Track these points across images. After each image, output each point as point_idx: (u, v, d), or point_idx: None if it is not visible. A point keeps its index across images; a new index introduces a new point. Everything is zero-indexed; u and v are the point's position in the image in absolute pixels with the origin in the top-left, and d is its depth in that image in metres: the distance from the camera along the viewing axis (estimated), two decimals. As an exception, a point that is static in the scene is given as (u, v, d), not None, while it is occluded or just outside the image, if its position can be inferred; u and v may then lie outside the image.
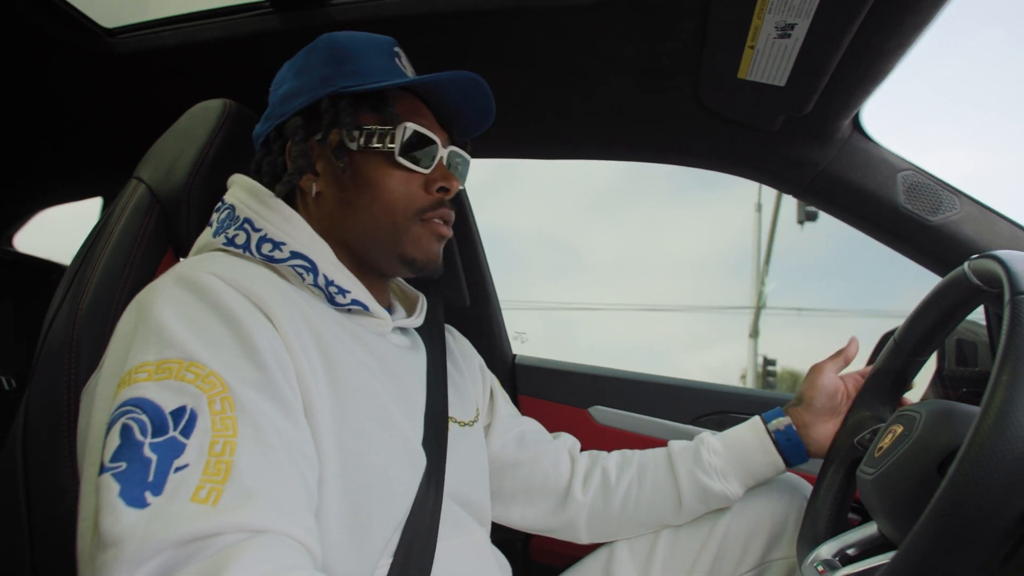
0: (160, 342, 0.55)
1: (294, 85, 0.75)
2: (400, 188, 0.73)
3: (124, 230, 0.78)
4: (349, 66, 0.73)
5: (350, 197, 0.73)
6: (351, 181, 0.73)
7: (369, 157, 0.73)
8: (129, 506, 0.47)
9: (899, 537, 0.62)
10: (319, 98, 0.72)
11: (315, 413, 0.60)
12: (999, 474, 0.44)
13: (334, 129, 0.73)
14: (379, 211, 0.73)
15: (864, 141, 1.00)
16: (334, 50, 0.75)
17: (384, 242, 0.74)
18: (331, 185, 0.74)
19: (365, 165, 0.73)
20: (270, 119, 0.77)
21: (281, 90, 0.77)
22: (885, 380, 0.81)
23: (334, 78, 0.73)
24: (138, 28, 1.15)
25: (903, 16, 0.74)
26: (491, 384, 0.98)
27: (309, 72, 0.75)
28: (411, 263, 0.75)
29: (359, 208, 0.73)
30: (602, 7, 0.86)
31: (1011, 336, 0.49)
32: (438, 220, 0.75)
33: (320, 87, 0.73)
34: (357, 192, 0.73)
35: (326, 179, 0.74)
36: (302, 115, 0.73)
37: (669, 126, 1.07)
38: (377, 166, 0.73)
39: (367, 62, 0.74)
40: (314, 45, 0.77)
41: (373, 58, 0.75)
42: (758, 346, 12.17)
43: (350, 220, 0.74)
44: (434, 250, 0.76)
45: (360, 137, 0.72)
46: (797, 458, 0.86)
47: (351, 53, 0.74)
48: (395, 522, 0.66)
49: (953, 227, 0.97)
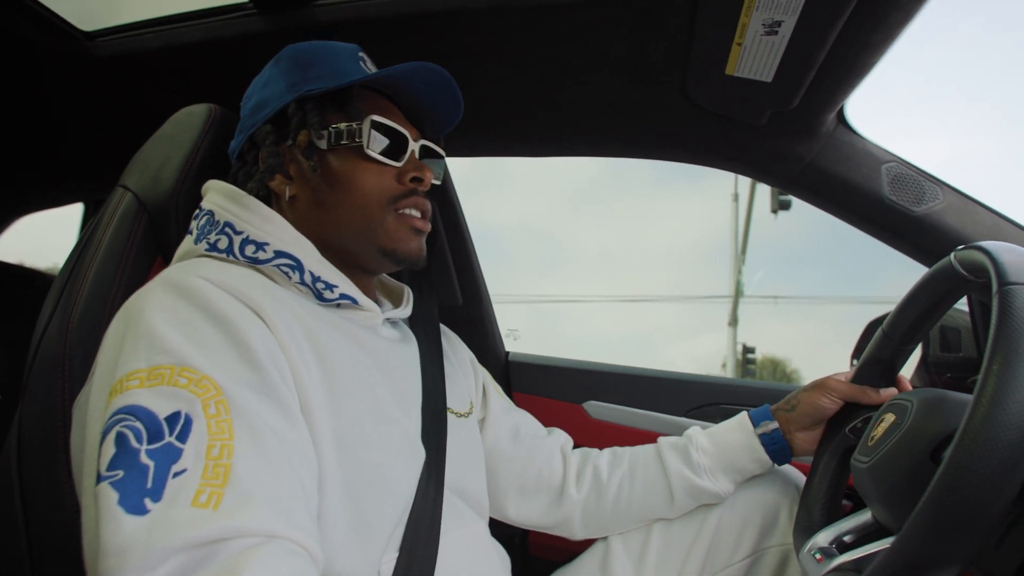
0: (150, 348, 0.54)
1: (262, 96, 0.76)
2: (372, 180, 0.73)
3: (113, 239, 0.77)
4: (314, 71, 0.74)
5: (323, 196, 0.74)
6: (323, 179, 0.73)
7: (339, 154, 0.74)
8: (129, 514, 0.46)
9: (894, 524, 0.63)
10: (286, 103, 0.73)
11: (312, 411, 0.60)
12: (993, 461, 0.45)
13: (302, 131, 0.73)
14: (352, 206, 0.73)
15: (849, 134, 1.02)
16: (299, 58, 0.76)
17: (361, 236, 0.74)
18: (304, 187, 0.75)
19: (335, 162, 0.74)
20: (242, 132, 0.78)
21: (251, 103, 0.78)
22: (875, 369, 0.82)
23: (300, 84, 0.74)
24: (118, 31, 1.13)
25: (888, 11, 0.75)
26: (483, 378, 0.99)
27: (276, 82, 0.76)
28: (391, 255, 0.75)
29: (332, 205, 0.74)
30: (591, 5, 0.86)
31: (1000, 326, 0.50)
32: (413, 211, 0.76)
33: (287, 93, 0.74)
34: (329, 189, 0.73)
35: (299, 182, 0.75)
36: (271, 122, 0.74)
37: (658, 122, 1.08)
38: (347, 162, 0.73)
39: (332, 67, 0.75)
40: (279, 56, 0.78)
41: (338, 62, 0.75)
42: (737, 334, 12.34)
43: (325, 218, 0.74)
44: (414, 243, 0.76)
45: (329, 136, 0.73)
46: (782, 459, 0.88)
47: (316, 59, 0.75)
48: (397, 516, 0.66)
49: (937, 217, 0.98)
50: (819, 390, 0.85)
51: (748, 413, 0.90)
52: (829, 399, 0.84)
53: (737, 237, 11.73)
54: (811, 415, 0.85)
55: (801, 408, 0.86)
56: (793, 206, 9.65)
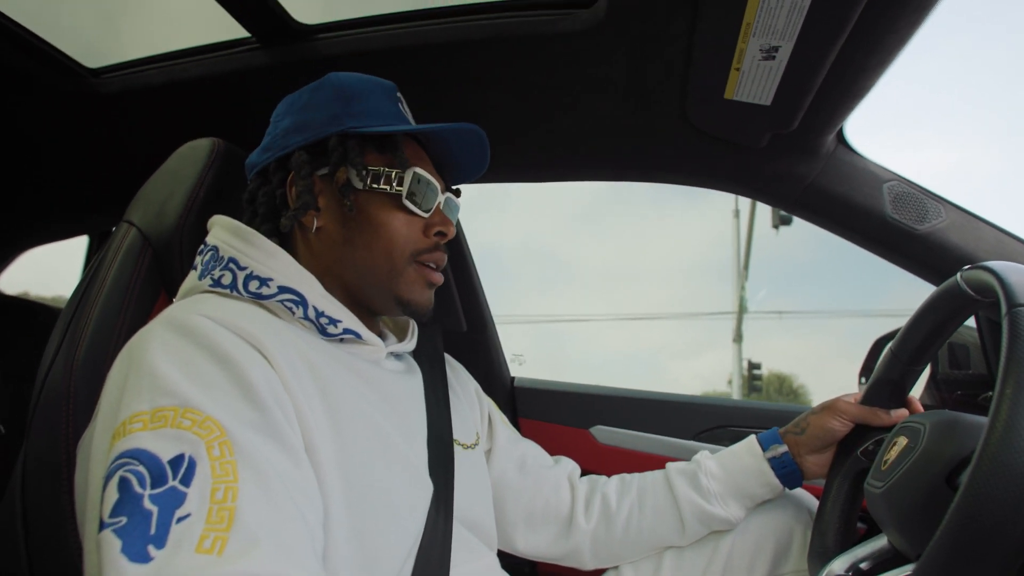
0: (153, 389, 0.54)
1: (299, 119, 0.76)
2: (402, 230, 0.74)
3: (117, 275, 0.78)
4: (357, 106, 0.75)
5: (352, 235, 0.74)
6: (355, 219, 0.74)
7: (374, 197, 0.74)
8: (132, 562, 0.45)
9: (911, 549, 0.62)
10: (327, 135, 0.73)
11: (316, 448, 0.59)
12: (1011, 487, 0.45)
13: (342, 167, 0.73)
14: (379, 250, 0.74)
15: (849, 154, 1.02)
16: (342, 89, 0.76)
17: (381, 281, 0.75)
18: (333, 221, 0.75)
19: (369, 205, 0.74)
20: (269, 150, 0.77)
21: (284, 123, 0.77)
22: (884, 390, 0.82)
23: (342, 117, 0.74)
24: (122, 68, 1.15)
25: (883, 35, 0.76)
26: (488, 409, 0.98)
27: (316, 109, 0.75)
28: (405, 304, 0.76)
29: (360, 246, 0.74)
30: (589, 33, 0.88)
31: (1012, 349, 0.49)
32: (432, 265, 0.77)
33: (328, 124, 0.74)
34: (359, 230, 0.74)
35: (328, 215, 0.75)
36: (307, 150, 0.74)
37: (658, 146, 1.09)
38: (382, 207, 0.74)
39: (373, 104, 0.76)
40: (320, 83, 0.78)
41: (378, 101, 0.77)
42: (743, 350, 12.29)
43: (349, 257, 0.74)
44: (427, 296, 0.77)
45: (367, 177, 0.73)
46: (793, 483, 0.87)
47: (358, 93, 0.76)
48: (405, 552, 0.65)
49: (940, 235, 0.98)
50: (829, 412, 0.84)
51: (757, 437, 0.89)
52: (839, 421, 0.83)
53: (739, 253, 11.76)
54: (821, 438, 0.84)
55: (811, 431, 0.85)
56: (794, 221, 9.68)
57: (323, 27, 1.02)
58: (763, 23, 0.74)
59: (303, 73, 1.04)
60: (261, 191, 0.76)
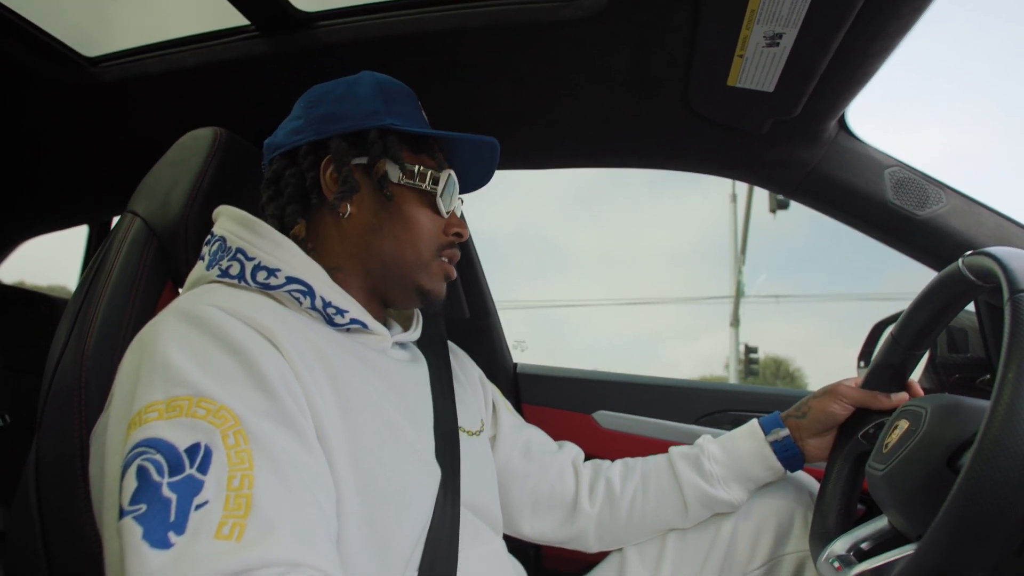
0: (167, 380, 0.55)
1: (337, 109, 0.77)
2: (429, 225, 0.78)
3: (124, 266, 0.78)
4: (396, 107, 0.78)
5: (383, 224, 0.77)
6: (388, 210, 0.77)
7: (407, 192, 0.78)
8: (154, 548, 0.47)
9: (912, 531, 0.63)
10: (368, 127, 0.76)
11: (327, 435, 0.60)
12: (1012, 470, 0.46)
13: (382, 159, 0.76)
14: (407, 242, 0.77)
15: (851, 140, 1.02)
16: (382, 88, 0.80)
17: (405, 271, 0.77)
18: (365, 210, 0.77)
19: (402, 198, 0.77)
20: (301, 133, 0.78)
21: (320, 110, 0.78)
22: (884, 374, 0.83)
23: (382, 113, 0.77)
24: (120, 56, 1.14)
25: (887, 21, 0.76)
26: (492, 395, 0.99)
27: (355, 102, 0.78)
28: (425, 295, 0.79)
29: (389, 236, 0.77)
30: (591, 21, 0.87)
31: (1014, 334, 0.50)
32: (448, 260, 0.81)
33: (368, 118, 0.76)
34: (390, 221, 0.77)
35: (361, 203, 0.77)
36: (345, 139, 0.76)
37: (660, 133, 1.09)
38: (414, 202, 0.78)
39: (406, 107, 0.80)
40: (358, 78, 0.80)
41: (408, 105, 0.81)
42: (740, 335, 12.36)
43: (376, 245, 0.77)
44: (442, 286, 0.81)
45: (404, 173, 0.77)
46: (794, 466, 0.88)
47: (395, 95, 0.80)
48: (415, 536, 0.67)
49: (941, 220, 0.99)
50: (830, 396, 0.86)
51: (759, 420, 0.90)
52: (840, 405, 0.85)
53: (736, 237, 11.78)
54: (822, 421, 0.86)
55: (812, 414, 0.86)
56: (791, 206, 9.69)
57: (323, 15, 1.01)
58: (767, 10, 0.74)
59: (303, 61, 1.04)
60: (288, 172, 0.77)
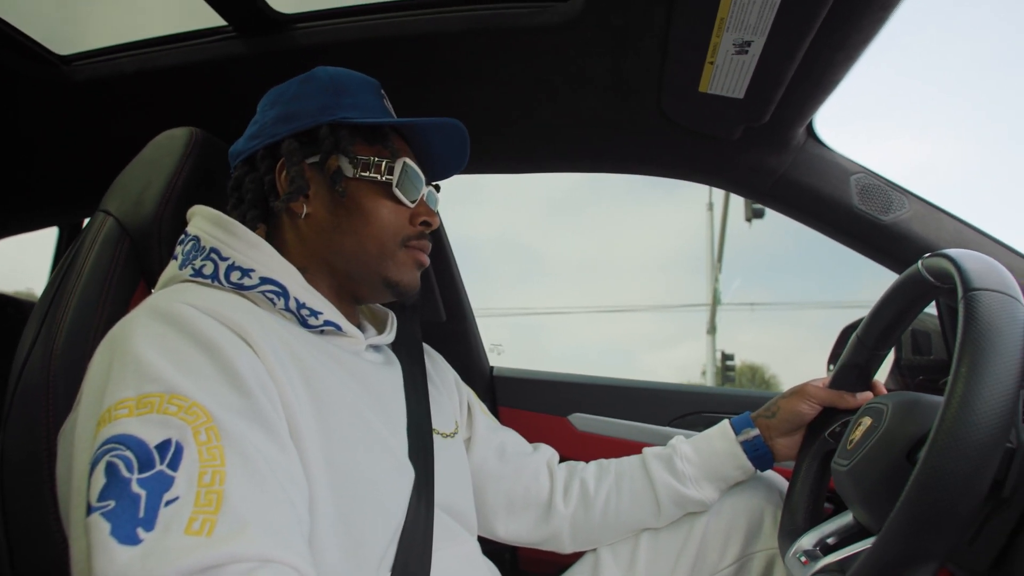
0: (139, 376, 0.54)
1: (288, 109, 0.77)
2: (390, 217, 0.76)
3: (95, 265, 0.77)
4: (348, 99, 0.76)
5: (340, 221, 0.75)
6: (344, 206, 0.75)
7: (363, 185, 0.76)
8: (122, 544, 0.46)
9: (874, 524, 0.65)
10: (318, 124, 0.75)
11: (301, 434, 0.60)
12: (963, 461, 0.47)
13: (333, 155, 0.75)
14: (368, 236, 0.76)
15: (818, 147, 1.05)
16: (332, 82, 0.78)
17: (370, 265, 0.76)
18: (322, 208, 0.76)
19: (359, 192, 0.76)
20: (257, 138, 0.77)
21: (272, 112, 0.78)
22: (850, 374, 0.85)
23: (333, 108, 0.75)
24: (95, 55, 1.12)
25: (849, 32, 0.78)
26: (467, 398, 0.99)
27: (306, 99, 0.77)
28: (394, 286, 0.78)
29: (349, 232, 0.75)
30: (566, 27, 0.89)
31: (967, 331, 0.52)
32: (419, 248, 0.79)
33: (318, 114, 0.75)
34: (348, 216, 0.75)
35: (317, 201, 0.76)
36: (297, 138, 0.75)
37: (634, 138, 1.10)
38: (371, 194, 0.76)
39: (363, 98, 0.78)
40: (309, 75, 0.79)
41: (365, 96, 0.78)
42: (716, 342, 12.50)
43: (337, 242, 0.76)
44: (414, 276, 0.80)
45: (358, 165, 0.75)
46: (764, 465, 0.90)
47: (347, 87, 0.78)
48: (389, 536, 0.67)
49: (904, 225, 1.02)
50: (798, 396, 0.88)
51: (730, 421, 0.92)
52: (808, 404, 0.87)
53: (713, 246, 11.93)
54: (791, 421, 0.87)
55: (781, 414, 0.88)
56: (766, 214, 9.84)
57: (301, 16, 1.02)
58: (736, 18, 0.76)
59: (280, 63, 1.04)
60: (248, 178, 0.77)
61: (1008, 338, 0.50)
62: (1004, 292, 0.54)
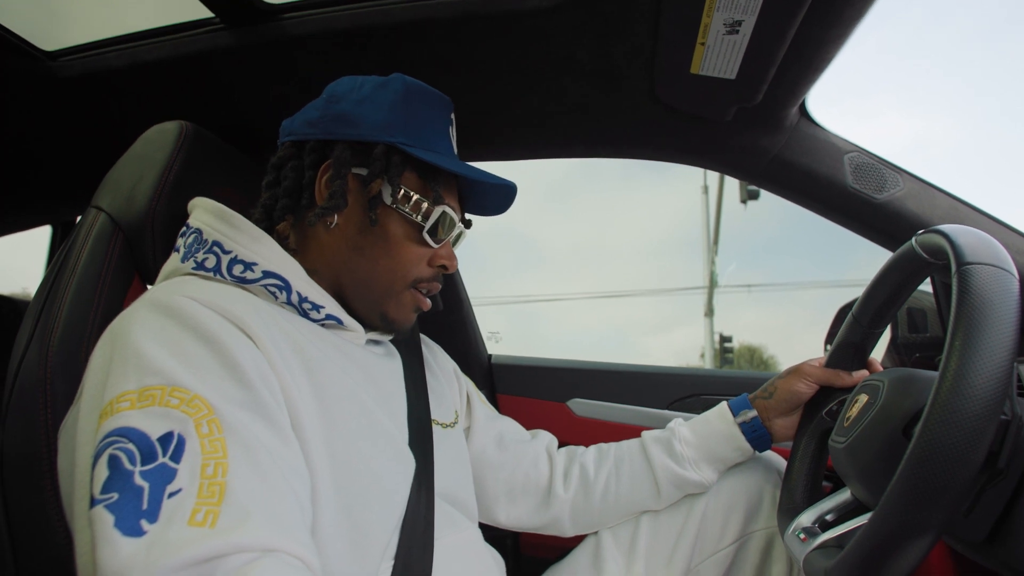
0: (140, 369, 0.54)
1: (355, 111, 0.75)
2: (410, 257, 0.76)
3: (89, 261, 0.77)
4: (414, 122, 0.75)
5: (363, 243, 0.75)
6: (372, 231, 0.75)
7: (396, 217, 0.75)
8: (126, 536, 0.46)
9: (872, 499, 0.66)
10: (377, 140, 0.73)
11: (303, 425, 0.61)
12: (958, 433, 0.48)
13: (379, 178, 0.73)
14: (383, 268, 0.75)
15: (812, 127, 1.05)
16: (408, 97, 0.76)
17: (373, 296, 0.76)
18: (350, 224, 0.75)
19: (390, 222, 0.75)
20: (315, 127, 0.76)
21: (339, 107, 0.76)
22: (846, 353, 0.85)
23: (395, 128, 0.74)
24: (82, 50, 1.11)
25: (841, 9, 0.78)
26: (466, 388, 1.00)
27: (374, 107, 0.75)
28: (389, 323, 0.78)
29: (368, 257, 0.75)
30: (555, 11, 0.88)
31: (960, 304, 0.52)
32: (425, 292, 0.79)
33: (381, 130, 0.74)
34: (372, 243, 0.75)
35: (349, 216, 0.75)
36: (351, 146, 0.74)
37: (627, 122, 1.10)
38: (400, 229, 0.75)
39: (429, 126, 0.76)
40: (387, 81, 0.77)
41: (434, 123, 0.77)
42: (714, 324, 12.55)
43: (354, 262, 0.75)
44: (411, 317, 0.80)
45: (399, 198, 0.74)
46: (762, 446, 0.91)
47: (420, 109, 0.76)
48: (391, 525, 0.67)
49: (898, 203, 1.02)
50: (795, 376, 0.88)
51: (728, 403, 0.93)
52: (805, 384, 0.87)
53: (708, 228, 11.93)
54: (788, 401, 0.88)
55: (778, 395, 0.89)
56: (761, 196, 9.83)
57: (289, 6, 1.00)
58: (726, -3, 0.75)
59: (269, 54, 1.03)
60: (291, 164, 0.76)
61: (1002, 311, 0.51)
62: (997, 265, 0.54)
